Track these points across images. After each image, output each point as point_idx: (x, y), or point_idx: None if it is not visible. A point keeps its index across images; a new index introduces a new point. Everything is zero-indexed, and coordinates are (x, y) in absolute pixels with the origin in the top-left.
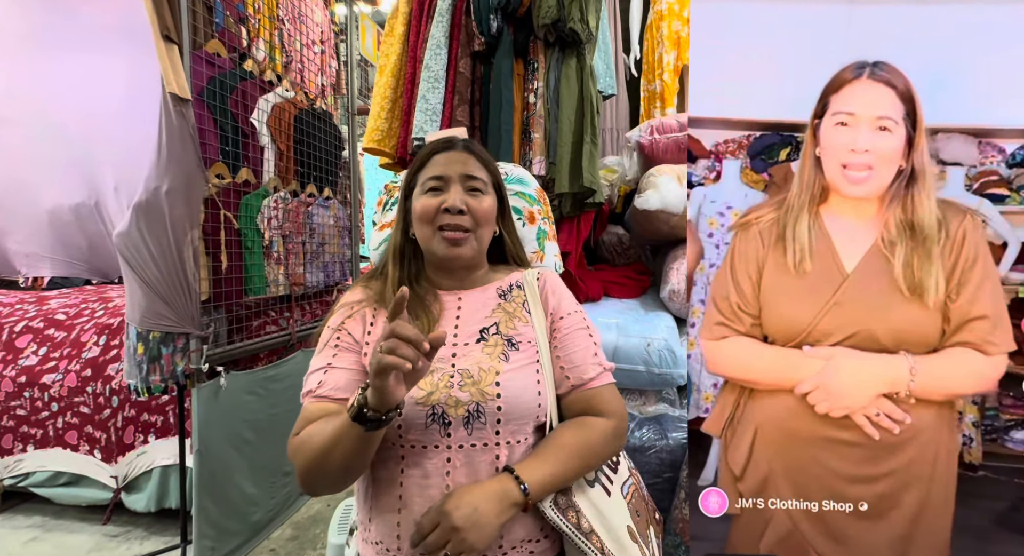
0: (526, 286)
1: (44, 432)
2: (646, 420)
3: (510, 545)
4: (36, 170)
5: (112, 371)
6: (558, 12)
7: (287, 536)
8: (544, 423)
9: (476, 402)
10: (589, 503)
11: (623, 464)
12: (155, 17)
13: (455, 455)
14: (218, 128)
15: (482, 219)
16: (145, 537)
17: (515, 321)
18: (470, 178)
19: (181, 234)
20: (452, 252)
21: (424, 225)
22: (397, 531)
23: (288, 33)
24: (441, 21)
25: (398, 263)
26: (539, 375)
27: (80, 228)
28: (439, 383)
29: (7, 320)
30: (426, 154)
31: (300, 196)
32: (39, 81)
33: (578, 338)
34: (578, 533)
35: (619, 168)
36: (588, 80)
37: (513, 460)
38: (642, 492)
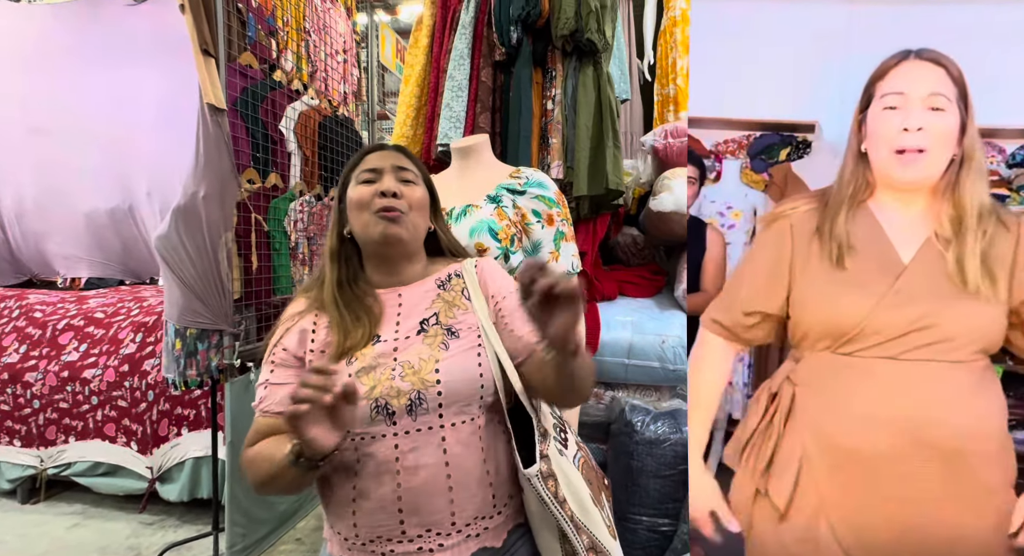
0: (464, 274)
1: (85, 424)
2: (661, 415)
3: (463, 522)
4: (74, 177)
5: (148, 367)
6: (576, 23)
7: (312, 526)
8: (492, 401)
9: (417, 390)
10: (561, 471)
11: (571, 439)
12: (195, 32)
13: (402, 441)
14: (250, 136)
15: (415, 204)
16: (178, 525)
17: (454, 310)
18: (401, 169)
19: (216, 236)
20: (390, 230)
21: (361, 212)
22: (353, 519)
23: (314, 44)
24: (464, 33)
25: (335, 264)
26: (481, 359)
27: (115, 231)
28: (381, 377)
29: (50, 318)
30: (359, 155)
31: (324, 199)
32: (77, 93)
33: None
34: (555, 501)
35: (634, 171)
36: (606, 86)
37: (460, 439)
38: (591, 463)
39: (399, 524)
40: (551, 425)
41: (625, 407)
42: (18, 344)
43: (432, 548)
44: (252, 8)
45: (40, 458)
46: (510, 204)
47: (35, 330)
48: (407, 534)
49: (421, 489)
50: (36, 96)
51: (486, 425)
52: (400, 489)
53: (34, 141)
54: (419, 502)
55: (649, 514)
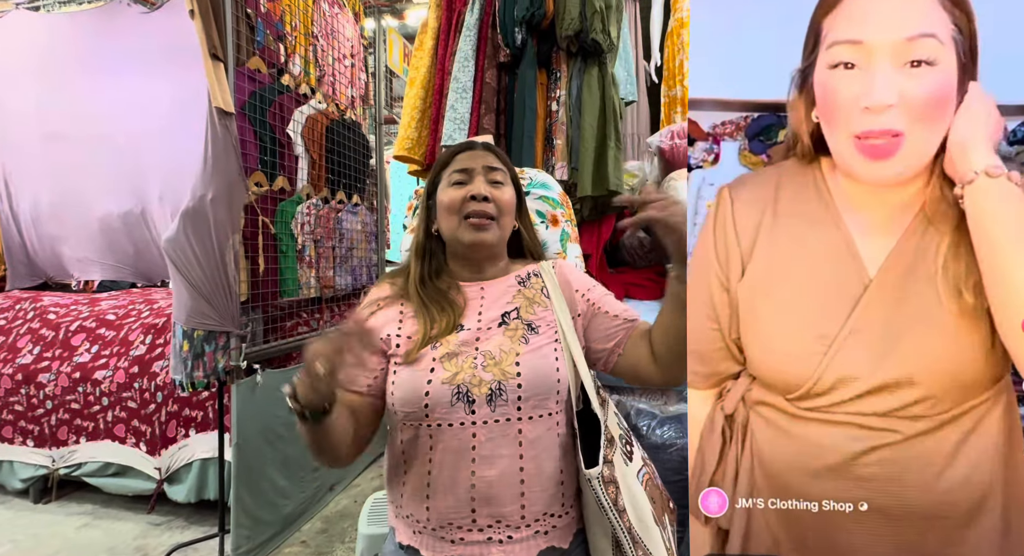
0: (543, 274)
1: (95, 425)
2: (667, 419)
3: (532, 517)
4: (88, 181)
5: (157, 368)
6: (580, 24)
7: (317, 529)
8: (566, 400)
9: (498, 381)
10: (623, 481)
11: (636, 454)
12: (204, 37)
13: (479, 431)
14: (257, 139)
15: (504, 207)
16: (185, 526)
17: (534, 306)
18: (492, 170)
19: (224, 239)
20: (478, 237)
21: (451, 215)
22: (427, 503)
23: (321, 48)
24: (469, 35)
25: (420, 259)
26: (558, 354)
27: (127, 234)
28: (463, 364)
29: (63, 320)
30: (449, 154)
31: (331, 202)
32: (92, 100)
33: (610, 299)
34: (614, 509)
35: (640, 172)
36: (610, 87)
37: (536, 434)
38: (656, 481)
39: (471, 512)
40: (618, 435)
41: (631, 411)
42: (32, 345)
43: (501, 539)
44: (261, 14)
45: (52, 458)
46: None
47: (48, 331)
48: (477, 523)
49: (495, 479)
50: (52, 102)
51: (562, 422)
52: (475, 477)
53: (50, 147)
54: (492, 493)
55: None
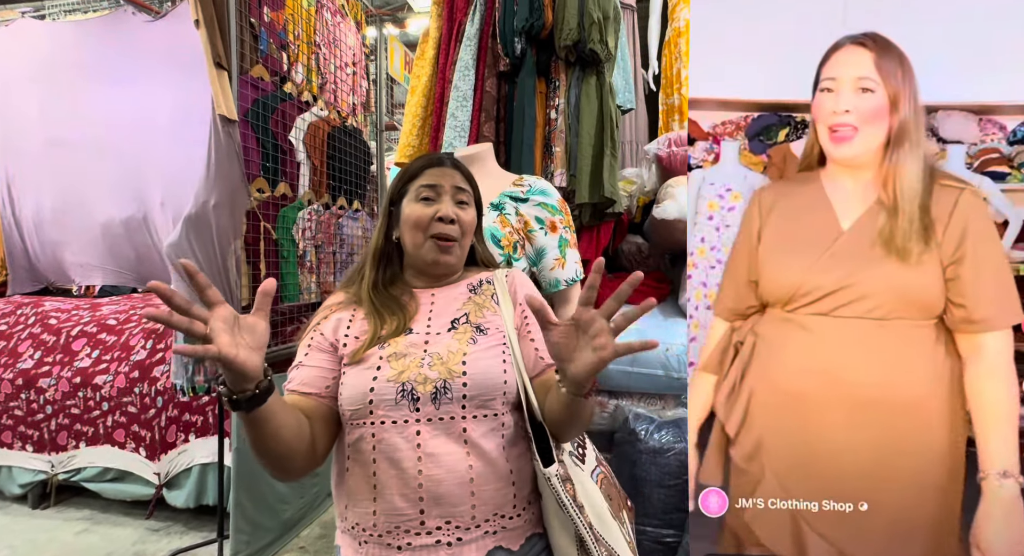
0: (495, 281)
1: (95, 430)
2: (665, 423)
3: (483, 517)
4: (91, 187)
5: (157, 373)
6: (579, 34)
7: (316, 535)
8: (514, 402)
9: (443, 379)
10: (577, 478)
11: (590, 455)
12: (208, 46)
13: (424, 428)
14: (260, 146)
15: (468, 229)
16: (184, 532)
17: (484, 311)
18: (459, 191)
19: (226, 244)
20: (441, 258)
21: (416, 231)
22: (373, 507)
23: (324, 56)
24: (469, 45)
25: (376, 265)
26: (505, 356)
27: (129, 240)
28: (410, 363)
29: (64, 325)
30: (419, 167)
31: (331, 208)
32: (95, 107)
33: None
34: (574, 505)
35: (638, 179)
36: (607, 96)
37: (480, 433)
38: (612, 481)
39: (419, 514)
40: None
41: (629, 416)
42: (33, 350)
43: (451, 542)
44: (264, 23)
45: (51, 463)
46: (513, 211)
47: (49, 336)
48: (426, 525)
49: (444, 478)
50: (56, 109)
51: (508, 424)
52: (422, 476)
53: (53, 153)
54: (441, 491)
55: (653, 525)
